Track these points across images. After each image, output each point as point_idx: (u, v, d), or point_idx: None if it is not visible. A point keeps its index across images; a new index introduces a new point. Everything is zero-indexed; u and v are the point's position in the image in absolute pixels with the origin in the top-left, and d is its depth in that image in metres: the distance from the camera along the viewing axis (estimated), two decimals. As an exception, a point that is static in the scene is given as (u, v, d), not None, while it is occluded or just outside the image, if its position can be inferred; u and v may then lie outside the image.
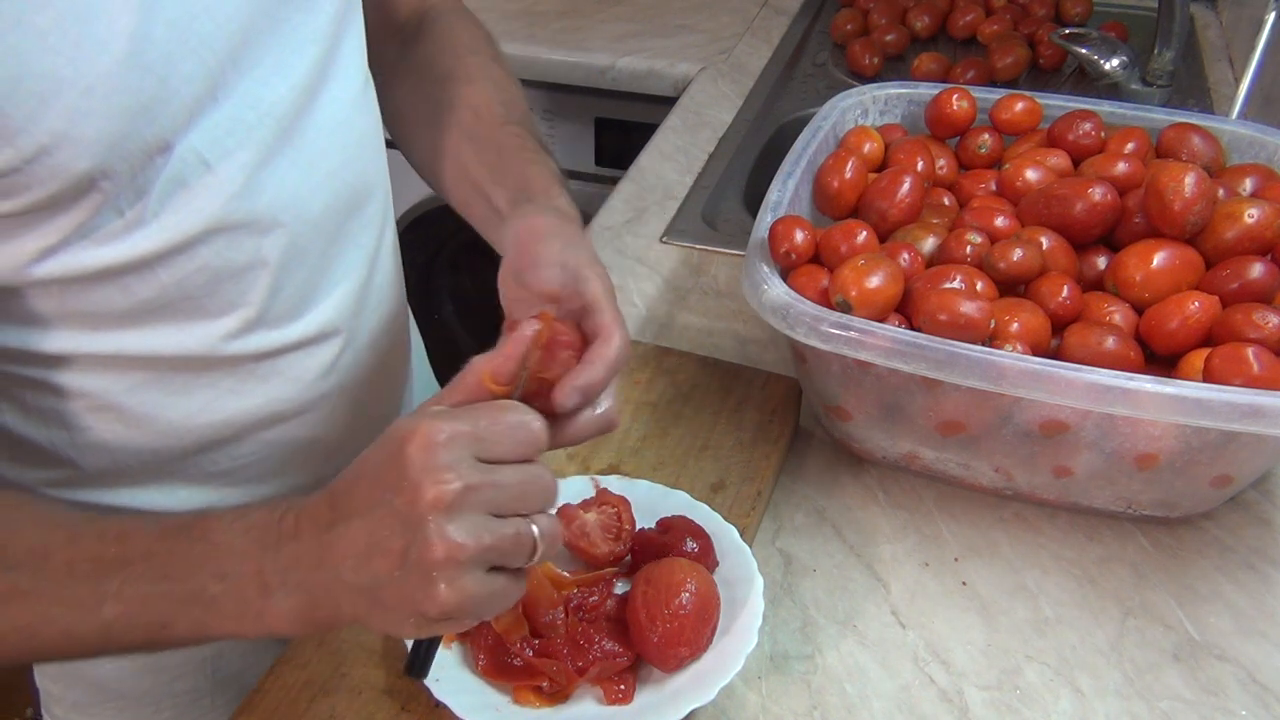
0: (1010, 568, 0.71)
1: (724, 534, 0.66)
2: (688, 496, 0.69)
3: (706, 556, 0.64)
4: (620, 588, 0.65)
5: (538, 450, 0.49)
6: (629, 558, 0.66)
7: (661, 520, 0.67)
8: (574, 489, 0.70)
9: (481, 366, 0.51)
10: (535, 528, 0.47)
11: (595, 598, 0.63)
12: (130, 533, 0.50)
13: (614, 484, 0.70)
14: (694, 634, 0.59)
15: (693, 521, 0.66)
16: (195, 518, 0.50)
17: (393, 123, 0.76)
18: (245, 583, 0.47)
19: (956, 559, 0.72)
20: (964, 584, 0.70)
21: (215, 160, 0.55)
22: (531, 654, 0.59)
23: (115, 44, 0.48)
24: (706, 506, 0.68)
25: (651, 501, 0.69)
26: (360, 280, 0.69)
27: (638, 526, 0.67)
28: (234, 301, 0.60)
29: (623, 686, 0.59)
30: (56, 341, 0.57)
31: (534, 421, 0.48)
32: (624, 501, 0.67)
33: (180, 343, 0.60)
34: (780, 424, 0.79)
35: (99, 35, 0.48)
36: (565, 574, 0.65)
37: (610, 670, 0.59)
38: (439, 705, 0.58)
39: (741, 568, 0.64)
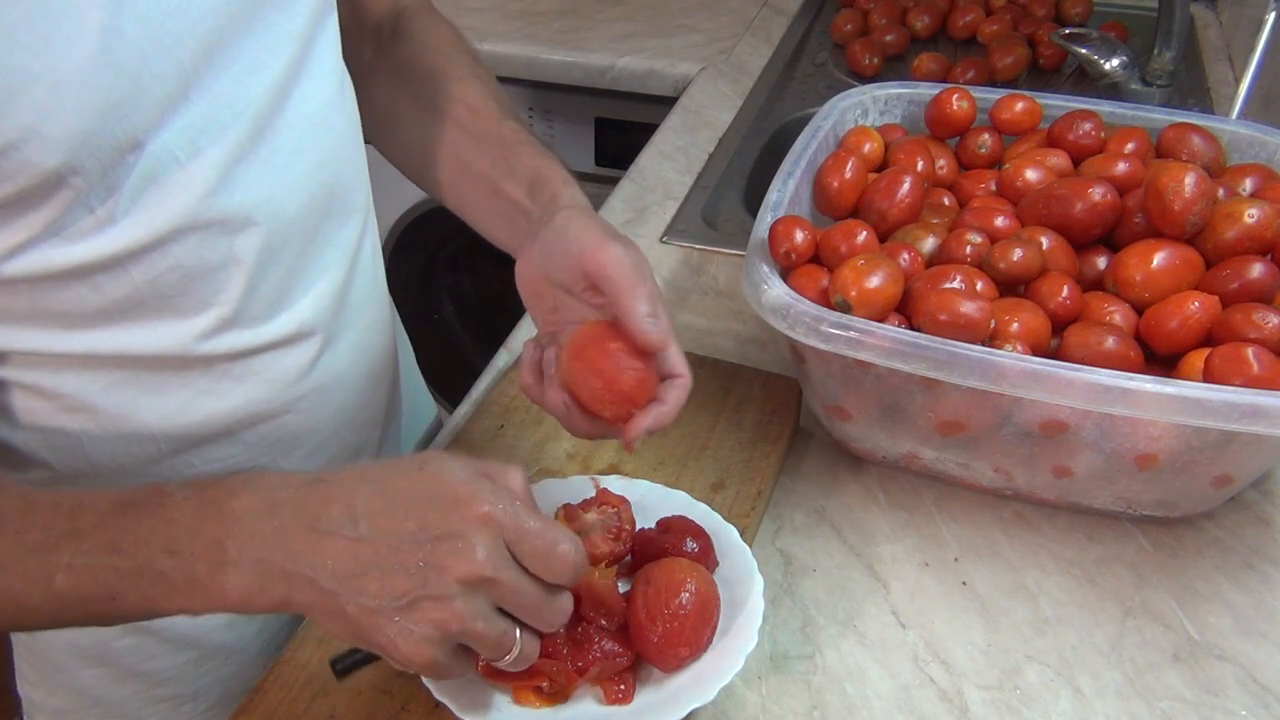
0: (1010, 568, 0.71)
1: (724, 534, 0.66)
2: (688, 496, 0.69)
3: (706, 556, 0.64)
4: (620, 588, 0.65)
5: (565, 581, 0.51)
6: (629, 558, 0.66)
7: (661, 520, 0.67)
8: (574, 489, 0.70)
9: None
10: (518, 639, 0.50)
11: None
12: (84, 505, 0.50)
13: (614, 484, 0.70)
14: (694, 634, 0.59)
15: (693, 521, 0.66)
16: (151, 490, 0.50)
17: (373, 122, 0.76)
18: (195, 559, 0.48)
19: (956, 559, 0.72)
20: (964, 584, 0.70)
21: (188, 158, 0.55)
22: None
23: (85, 40, 0.48)
24: (706, 506, 0.68)
25: (651, 501, 0.69)
26: (339, 280, 0.69)
27: (638, 526, 0.67)
28: (208, 300, 0.60)
29: (623, 686, 0.59)
30: (29, 341, 0.57)
31: (572, 555, 0.50)
32: (624, 501, 0.67)
33: (154, 342, 0.60)
34: (780, 424, 0.79)
35: (68, 31, 0.47)
36: None
37: (610, 670, 0.59)
38: (439, 705, 0.58)
39: (741, 568, 0.64)
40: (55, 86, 0.48)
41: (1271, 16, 1.14)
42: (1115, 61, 1.22)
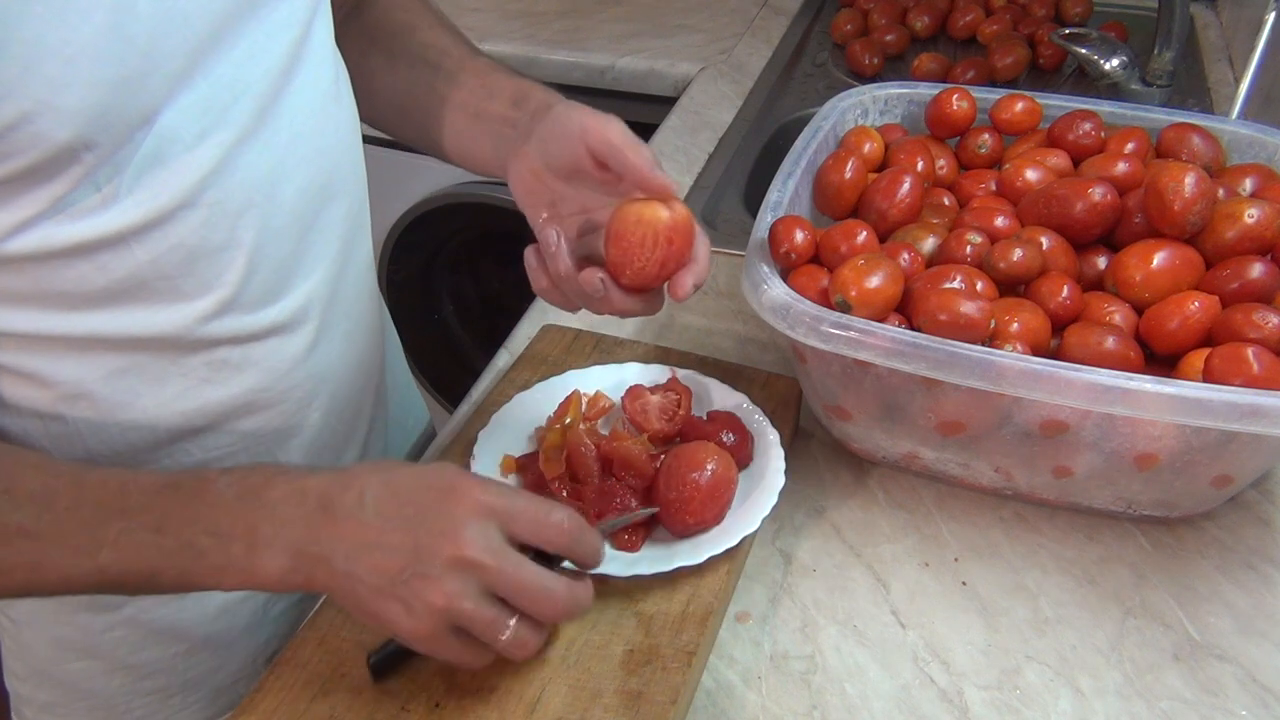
0: (1010, 568, 0.71)
1: (765, 438, 0.73)
2: (747, 399, 0.76)
3: (740, 449, 0.72)
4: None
5: (563, 549, 0.55)
6: (679, 439, 0.73)
7: (712, 412, 0.75)
8: (652, 374, 0.80)
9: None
10: (511, 625, 0.53)
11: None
12: (129, 485, 0.54)
13: (684, 376, 0.79)
14: (701, 506, 0.66)
15: (737, 419, 0.74)
16: (195, 475, 0.54)
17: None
18: (234, 540, 0.52)
19: (956, 559, 0.72)
20: (964, 584, 0.70)
21: (193, 139, 0.56)
22: (566, 495, 0.68)
23: (97, 14, 0.49)
24: (760, 412, 0.75)
25: (714, 397, 0.77)
26: (334, 270, 0.70)
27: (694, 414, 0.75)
28: (209, 282, 0.61)
29: (629, 537, 0.67)
30: (31, 322, 0.58)
31: (567, 521, 0.55)
32: (687, 392, 0.76)
33: (156, 324, 0.60)
34: (780, 424, 0.78)
35: (81, 5, 0.49)
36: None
37: (623, 520, 0.66)
38: (439, 705, 0.59)
39: (771, 472, 0.70)
40: (69, 60, 0.49)
41: (1271, 16, 1.14)
42: (1115, 61, 1.22)
